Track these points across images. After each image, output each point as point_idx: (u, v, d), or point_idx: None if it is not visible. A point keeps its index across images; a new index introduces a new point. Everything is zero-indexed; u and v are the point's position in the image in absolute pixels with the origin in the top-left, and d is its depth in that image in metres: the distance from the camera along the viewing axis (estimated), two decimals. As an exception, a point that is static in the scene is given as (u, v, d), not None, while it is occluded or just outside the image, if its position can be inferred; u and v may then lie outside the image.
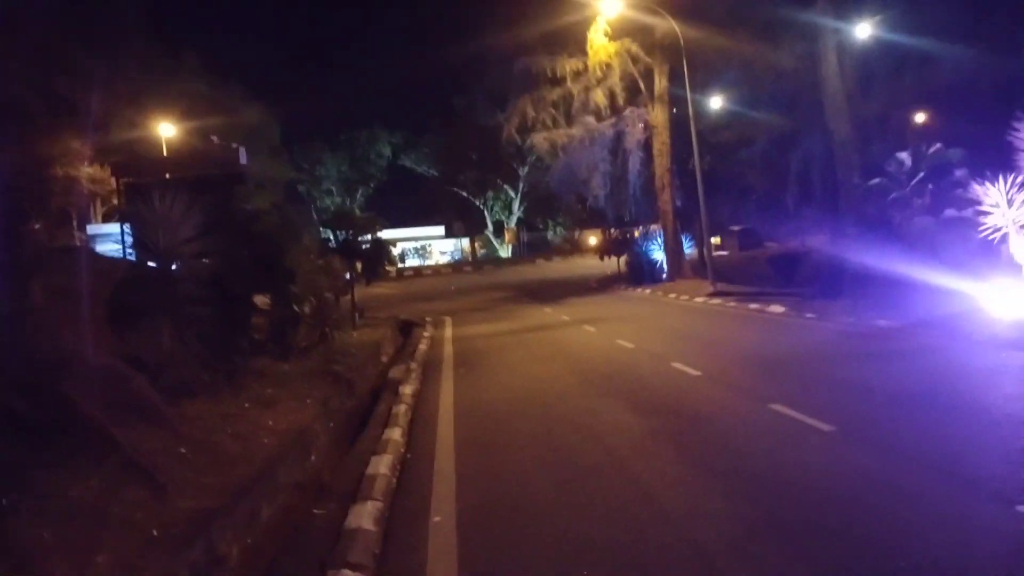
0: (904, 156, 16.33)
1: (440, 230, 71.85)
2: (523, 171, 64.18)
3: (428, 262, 67.58)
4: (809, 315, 15.61)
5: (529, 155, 61.05)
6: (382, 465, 6.73)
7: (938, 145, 17.03)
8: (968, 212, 14.68)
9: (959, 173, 16.36)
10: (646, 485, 5.74)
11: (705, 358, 11.36)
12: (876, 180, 13.27)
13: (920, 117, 24.71)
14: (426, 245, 70.77)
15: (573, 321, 19.25)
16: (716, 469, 5.98)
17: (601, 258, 36.52)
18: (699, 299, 22.28)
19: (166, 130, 34.96)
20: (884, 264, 15.16)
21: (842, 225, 16.51)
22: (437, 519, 5.43)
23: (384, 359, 17.31)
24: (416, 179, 72.61)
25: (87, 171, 29.21)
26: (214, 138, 25.26)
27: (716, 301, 21.00)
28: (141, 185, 17.87)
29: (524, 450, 7.20)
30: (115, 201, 27.77)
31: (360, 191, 72.12)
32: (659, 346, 13.25)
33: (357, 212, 46.54)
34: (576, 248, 67.43)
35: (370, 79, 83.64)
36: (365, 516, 5.35)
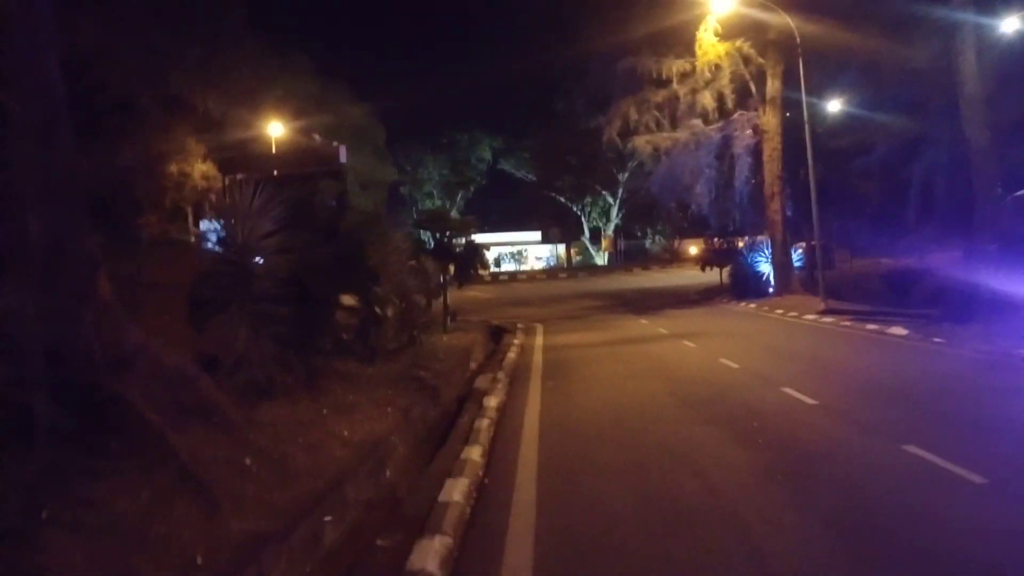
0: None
1: (537, 235, 71.45)
2: (623, 177, 62.93)
3: (523, 267, 67.26)
4: (937, 340, 14.08)
5: (630, 160, 59.84)
6: (456, 491, 6.09)
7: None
8: None
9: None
10: (757, 540, 4.86)
11: (821, 384, 10.23)
12: (1025, 191, 11.74)
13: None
14: (522, 250, 70.51)
15: (671, 335, 18.21)
16: (843, 523, 5.04)
17: (702, 269, 35.01)
18: (809, 316, 20.76)
19: (275, 129, 35.85)
20: (1026, 287, 13.50)
21: (977, 242, 14.83)
22: (510, 564, 4.74)
23: (473, 365, 16.83)
24: (515, 183, 72.59)
25: (200, 168, 30.20)
26: (316, 136, 25.51)
27: (829, 319, 19.48)
28: (246, 182, 18.18)
29: (613, 483, 6.41)
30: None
31: (460, 194, 72.58)
32: (767, 367, 12.14)
33: (455, 215, 46.77)
34: (675, 258, 65.63)
35: (472, 82, 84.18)
36: (431, 555, 4.71)
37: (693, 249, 65.09)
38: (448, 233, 20.94)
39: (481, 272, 21.44)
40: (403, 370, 13.24)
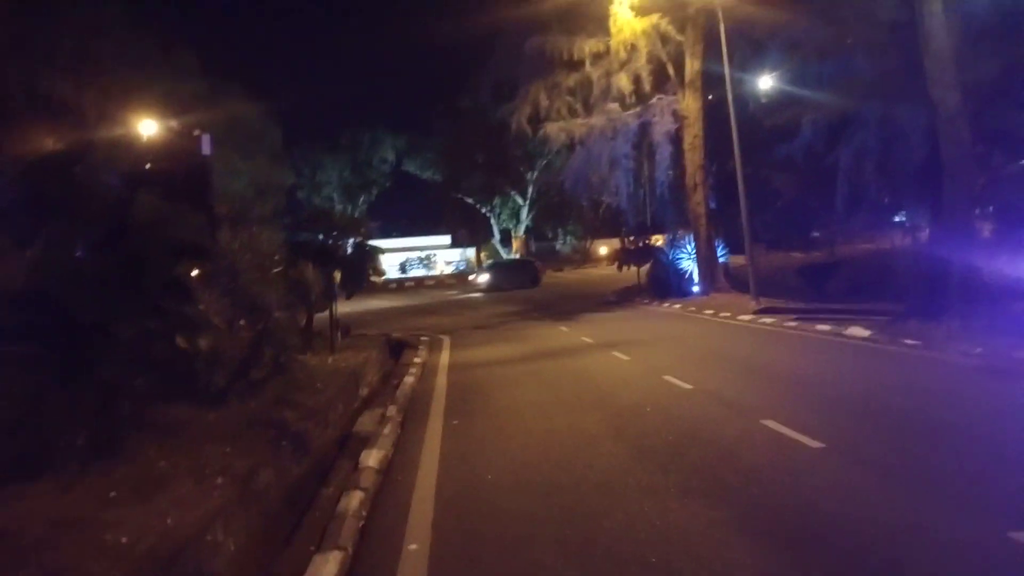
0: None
1: (446, 239, 68.39)
2: (531, 176, 60.69)
3: (433, 272, 64.09)
4: (908, 341, 12.00)
5: (539, 156, 57.71)
6: None
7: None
8: None
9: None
10: None
11: (810, 413, 7.76)
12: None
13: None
14: (431, 255, 67.30)
15: (598, 345, 15.64)
16: None
17: (619, 268, 32.86)
18: (744, 317, 18.66)
19: (147, 127, 31.71)
20: (1012, 273, 11.54)
21: (951, 221, 12.87)
22: None
23: (364, 391, 13.82)
24: (420, 185, 69.24)
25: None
26: (172, 124, 21.80)
27: (768, 320, 17.38)
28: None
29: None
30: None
31: (362, 198, 68.73)
32: (729, 388, 9.65)
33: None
34: (587, 258, 63.88)
35: (372, 76, 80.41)
36: None
37: (603, 249, 63.61)
38: (334, 234, 17.81)
39: (375, 279, 18.34)
40: (262, 410, 10.17)
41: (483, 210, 64.81)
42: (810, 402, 8.37)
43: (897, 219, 45.61)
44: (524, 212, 63.94)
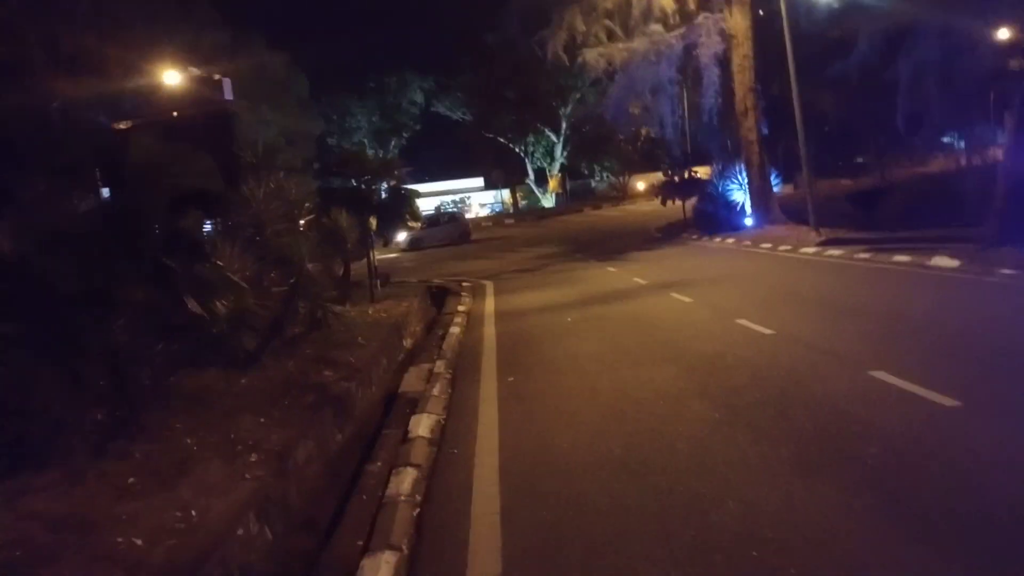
0: None
1: (479, 181, 67.04)
2: (565, 111, 58.69)
3: (467, 215, 63.04)
4: (1007, 271, 10.72)
5: (571, 91, 55.68)
6: None
7: None
8: None
9: None
10: None
11: (927, 363, 6.67)
12: None
13: None
14: (465, 198, 66.11)
15: (653, 285, 14.56)
16: None
17: (663, 203, 31.45)
18: (808, 250, 17.37)
19: (171, 77, 30.93)
20: None
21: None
22: None
23: (408, 343, 13.03)
24: (451, 127, 67.50)
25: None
26: (192, 70, 20.81)
27: (836, 252, 16.08)
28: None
29: None
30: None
31: (393, 142, 67.34)
32: (815, 333, 8.55)
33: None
34: (625, 195, 62.14)
35: (395, 18, 78.07)
36: None
37: (641, 185, 61.73)
38: (367, 178, 16.81)
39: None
40: (299, 370, 9.42)
41: (516, 149, 63.19)
42: (921, 348, 7.25)
43: (946, 140, 43.20)
44: (558, 149, 62.15)
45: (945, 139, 42.88)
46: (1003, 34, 21.97)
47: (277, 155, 16.62)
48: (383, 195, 17.18)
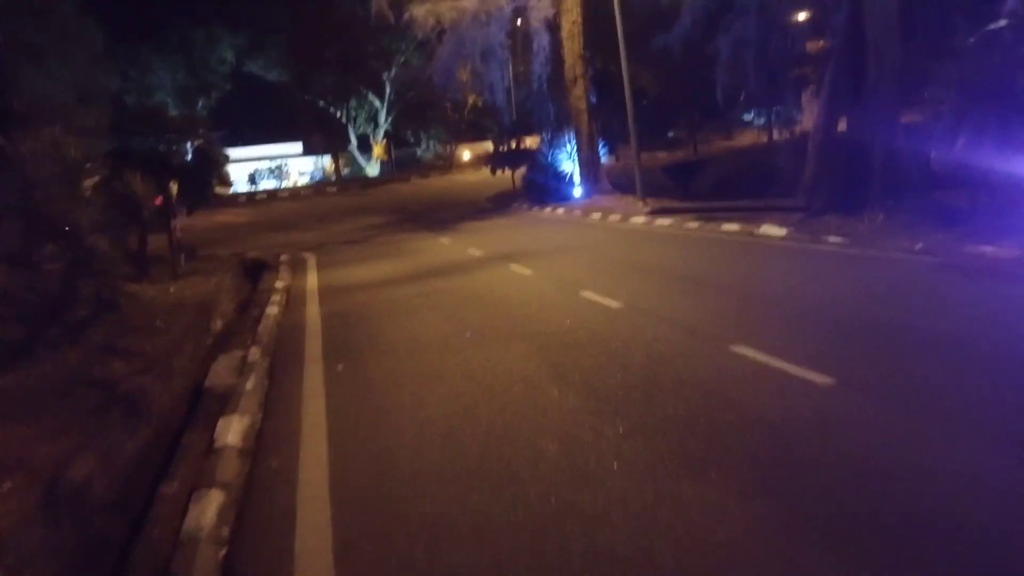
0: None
1: (298, 147, 63.41)
2: (388, 75, 56.70)
3: (285, 184, 59.51)
4: (833, 239, 11.05)
5: (395, 54, 53.88)
6: None
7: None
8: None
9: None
10: None
11: (786, 336, 6.41)
12: (1000, 23, 8.48)
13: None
14: (282, 164, 62.32)
15: (490, 258, 13.88)
16: None
17: (493, 172, 31.04)
18: (638, 220, 17.46)
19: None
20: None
21: (873, 104, 11.85)
22: None
23: (219, 324, 11.54)
24: (267, 88, 63.07)
25: None
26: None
27: (665, 222, 16.22)
28: None
29: None
30: None
31: (200, 102, 62.01)
32: (663, 305, 8.20)
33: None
34: (452, 164, 61.32)
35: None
36: None
37: (467, 154, 61.17)
38: (168, 138, 14.82)
39: (221, 191, 15.60)
40: (83, 364, 7.88)
41: (338, 114, 60.36)
42: (776, 321, 7.02)
43: (747, 118, 46.18)
44: (382, 115, 60.08)
45: (746, 116, 45.75)
46: (802, 16, 23.26)
47: (72, 117, 14.14)
48: (188, 158, 15.27)
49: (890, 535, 3.11)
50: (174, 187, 13.89)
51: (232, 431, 5.55)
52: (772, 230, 12.45)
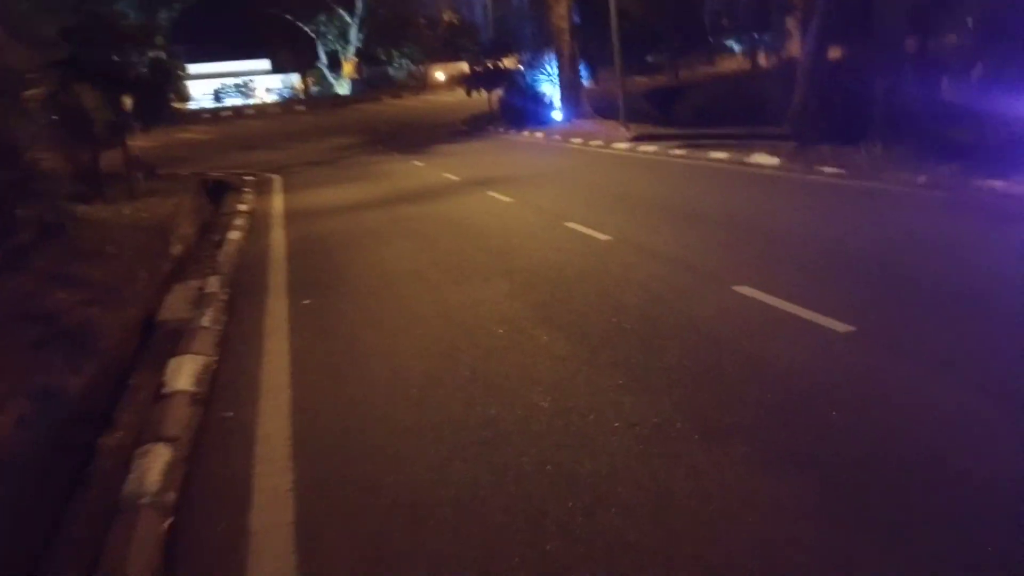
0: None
1: (266, 64, 60.89)
2: (361, -12, 54.16)
3: (252, 101, 57.32)
4: (828, 169, 10.53)
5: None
6: None
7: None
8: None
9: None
10: None
11: (791, 275, 5.92)
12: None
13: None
14: (248, 81, 59.92)
15: (466, 183, 13.17)
16: None
17: (468, 93, 29.82)
18: (621, 146, 16.75)
19: None
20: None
21: (879, 31, 11.17)
22: None
23: (177, 249, 10.85)
24: (233, 1, 60.16)
25: None
26: None
27: (650, 149, 15.54)
28: None
29: None
30: None
31: (162, 12, 58.89)
32: (656, 238, 7.65)
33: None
34: (425, 85, 59.33)
35: None
36: None
37: (440, 75, 59.17)
38: (122, 48, 13.66)
39: (178, 105, 14.54)
40: (24, 294, 7.23)
41: (307, 30, 57.78)
42: (778, 259, 6.51)
43: (728, 44, 44.95)
44: (353, 32, 57.64)
45: (728, 42, 44.53)
46: None
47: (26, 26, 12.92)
48: (144, 70, 14.11)
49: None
50: (128, 101, 12.85)
51: (184, 374, 4.98)
52: (763, 159, 11.88)
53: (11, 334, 6.00)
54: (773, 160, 11.69)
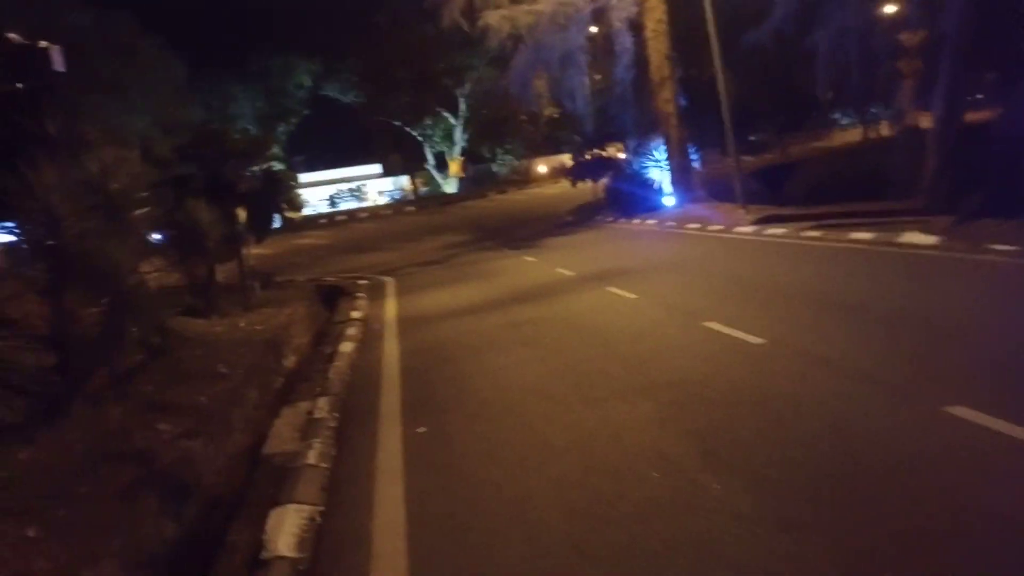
0: None
1: (377, 168, 63.60)
2: (462, 92, 56.10)
3: (365, 204, 59.60)
4: (1001, 247, 9.11)
5: (467, 70, 53.30)
6: None
7: None
8: None
9: None
10: None
11: (1015, 387, 4.71)
12: None
13: None
14: (361, 185, 62.62)
15: (583, 278, 12.40)
16: None
17: (574, 183, 29.63)
18: (744, 230, 15.65)
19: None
20: None
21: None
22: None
23: (290, 361, 10.52)
24: (344, 112, 63.55)
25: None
26: (13, 36, 17.20)
27: (779, 231, 14.38)
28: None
29: None
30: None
31: (280, 128, 62.92)
32: (819, 339, 6.52)
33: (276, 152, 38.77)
34: (528, 179, 60.18)
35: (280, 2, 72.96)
36: None
37: (543, 168, 59.93)
38: (231, 163, 13.96)
39: (292, 215, 14.66)
40: (122, 426, 6.81)
41: (414, 133, 60.16)
42: (993, 367, 5.28)
43: (835, 117, 43.34)
44: (458, 132, 59.51)
45: (835, 116, 43.06)
46: (889, 9, 21.28)
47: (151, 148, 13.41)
48: (256, 183, 14.37)
49: None
50: (242, 214, 12.98)
51: (285, 532, 4.26)
52: (918, 238, 10.54)
53: (103, 478, 5.49)
54: (929, 239, 10.34)
